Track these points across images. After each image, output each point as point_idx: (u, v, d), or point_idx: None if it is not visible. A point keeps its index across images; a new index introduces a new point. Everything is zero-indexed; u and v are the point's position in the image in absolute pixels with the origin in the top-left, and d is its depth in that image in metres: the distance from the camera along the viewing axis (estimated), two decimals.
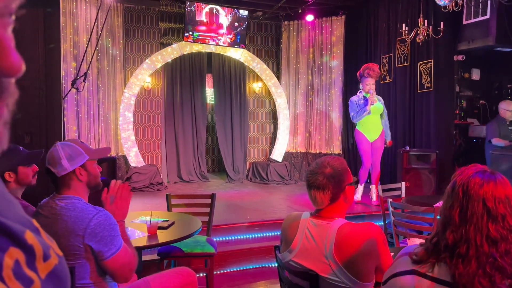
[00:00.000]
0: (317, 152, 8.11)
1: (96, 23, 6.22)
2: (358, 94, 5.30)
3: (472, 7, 5.47)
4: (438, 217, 1.15)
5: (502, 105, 5.42)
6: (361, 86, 5.32)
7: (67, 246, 1.63)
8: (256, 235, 4.54)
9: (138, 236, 2.48)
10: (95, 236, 1.64)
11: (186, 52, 7.50)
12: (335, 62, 7.94)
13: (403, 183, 4.16)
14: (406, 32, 5.36)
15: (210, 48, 7.61)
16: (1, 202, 0.41)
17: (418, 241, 2.68)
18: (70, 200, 1.72)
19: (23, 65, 0.38)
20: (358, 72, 5.42)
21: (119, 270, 1.69)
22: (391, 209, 3.16)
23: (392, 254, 1.60)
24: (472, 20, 5.62)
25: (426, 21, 5.19)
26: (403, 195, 4.04)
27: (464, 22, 5.75)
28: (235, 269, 3.99)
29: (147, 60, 7.26)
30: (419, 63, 6.32)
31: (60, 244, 1.61)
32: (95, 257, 1.67)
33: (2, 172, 2.09)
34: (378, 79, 5.24)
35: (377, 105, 5.23)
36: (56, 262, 0.44)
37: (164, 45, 7.48)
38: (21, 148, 2.19)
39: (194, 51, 7.58)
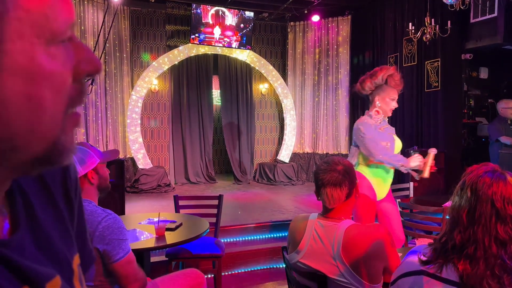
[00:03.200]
0: (324, 152, 8.09)
1: (103, 27, 6.28)
2: (373, 115, 2.87)
3: (480, 5, 5.43)
4: (447, 217, 1.14)
5: (501, 104, 5.39)
6: (378, 102, 2.87)
7: None
8: (263, 236, 4.54)
9: (146, 237, 2.49)
10: (103, 239, 1.63)
11: (192, 54, 7.52)
12: (342, 62, 7.92)
13: (411, 183, 4.13)
14: (413, 31, 5.33)
15: (216, 49, 7.64)
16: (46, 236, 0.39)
17: (426, 241, 2.66)
18: None
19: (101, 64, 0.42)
20: (369, 80, 2.89)
21: (125, 274, 1.69)
22: (399, 209, 3.15)
23: (400, 254, 1.59)
24: (480, 19, 5.57)
25: (433, 20, 5.15)
26: (411, 195, 4.02)
27: (472, 21, 5.70)
28: (243, 270, 3.99)
29: (154, 63, 7.30)
30: (426, 63, 6.27)
31: None
32: (102, 259, 1.67)
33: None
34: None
35: (398, 143, 3.00)
36: None
37: (170, 48, 7.52)
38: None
39: (200, 53, 7.61)
